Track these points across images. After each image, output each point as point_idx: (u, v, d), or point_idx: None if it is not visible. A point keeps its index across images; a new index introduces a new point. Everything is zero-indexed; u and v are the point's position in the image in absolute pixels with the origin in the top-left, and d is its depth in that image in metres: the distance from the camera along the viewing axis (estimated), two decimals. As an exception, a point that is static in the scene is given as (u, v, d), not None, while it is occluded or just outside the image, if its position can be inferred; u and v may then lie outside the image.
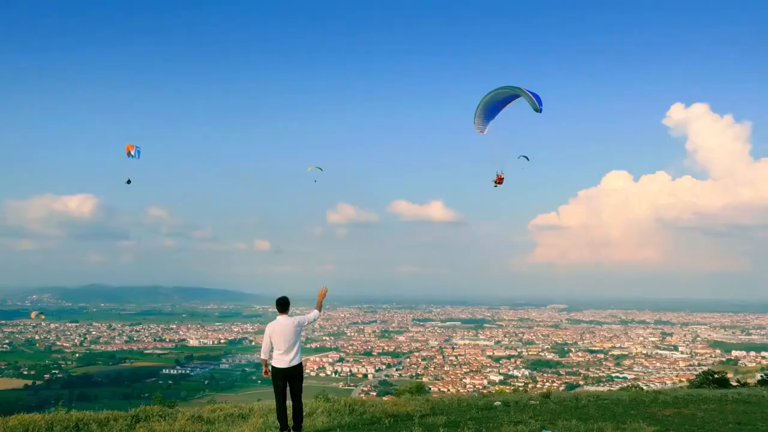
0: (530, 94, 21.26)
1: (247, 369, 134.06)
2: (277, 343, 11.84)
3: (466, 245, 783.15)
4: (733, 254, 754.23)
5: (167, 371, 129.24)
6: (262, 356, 12.16)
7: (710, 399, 17.68)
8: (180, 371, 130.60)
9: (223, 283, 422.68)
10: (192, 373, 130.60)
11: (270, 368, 12.02)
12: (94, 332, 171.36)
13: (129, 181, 32.24)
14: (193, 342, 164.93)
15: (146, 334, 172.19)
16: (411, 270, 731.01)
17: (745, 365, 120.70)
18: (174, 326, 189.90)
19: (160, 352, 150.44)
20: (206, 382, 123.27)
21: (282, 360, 11.83)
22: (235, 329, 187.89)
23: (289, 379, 11.91)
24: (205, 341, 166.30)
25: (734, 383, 27.65)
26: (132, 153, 29.54)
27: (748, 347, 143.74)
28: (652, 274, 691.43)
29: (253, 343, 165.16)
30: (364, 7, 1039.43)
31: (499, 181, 25.34)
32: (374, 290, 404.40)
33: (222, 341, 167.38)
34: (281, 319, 11.98)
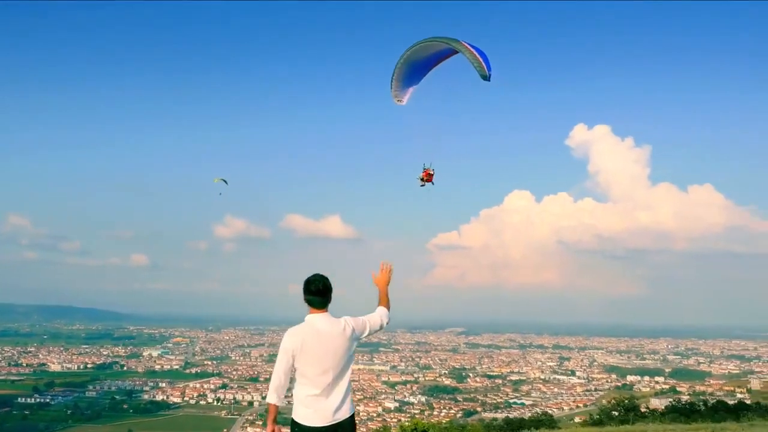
0: (473, 50, 14.72)
1: (117, 397, 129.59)
2: (311, 373, 6.49)
3: (363, 264, 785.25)
4: (631, 278, 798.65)
5: (23, 400, 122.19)
6: (271, 400, 6.74)
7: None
8: (38, 400, 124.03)
9: (93, 301, 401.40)
10: (53, 402, 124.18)
11: (290, 426, 6.56)
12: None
13: None
14: (54, 367, 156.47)
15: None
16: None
17: (640, 390, 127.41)
18: (32, 349, 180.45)
19: (15, 378, 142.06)
20: (69, 412, 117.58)
21: (321, 409, 6.51)
22: (105, 352, 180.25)
23: None
24: (69, 366, 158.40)
25: (643, 409, 28.58)
26: None
27: (642, 372, 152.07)
28: (552, 297, 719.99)
29: (125, 368, 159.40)
30: (257, 10, 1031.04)
31: (427, 178, 18.74)
32: (263, 310, 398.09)
33: (89, 366, 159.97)
34: (319, 320, 6.68)
